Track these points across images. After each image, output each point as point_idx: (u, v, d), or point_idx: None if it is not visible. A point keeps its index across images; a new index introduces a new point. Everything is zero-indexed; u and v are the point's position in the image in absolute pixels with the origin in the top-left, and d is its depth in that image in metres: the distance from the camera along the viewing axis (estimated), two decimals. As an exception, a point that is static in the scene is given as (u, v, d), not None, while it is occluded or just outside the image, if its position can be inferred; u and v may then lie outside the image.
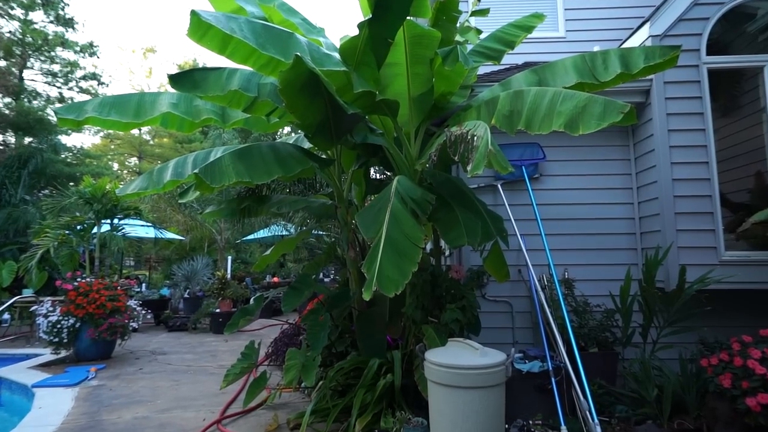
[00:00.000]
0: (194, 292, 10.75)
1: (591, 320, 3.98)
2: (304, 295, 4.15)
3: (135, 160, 28.04)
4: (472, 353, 2.93)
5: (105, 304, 6.48)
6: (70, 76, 20.39)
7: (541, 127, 2.81)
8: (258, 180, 3.26)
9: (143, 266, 18.77)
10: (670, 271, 3.95)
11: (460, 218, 3.21)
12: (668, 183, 4.05)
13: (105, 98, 3.85)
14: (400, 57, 3.49)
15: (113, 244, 8.99)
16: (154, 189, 3.91)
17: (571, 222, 4.45)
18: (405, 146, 3.88)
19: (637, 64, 3.34)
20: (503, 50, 4.11)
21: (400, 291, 2.40)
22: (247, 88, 3.37)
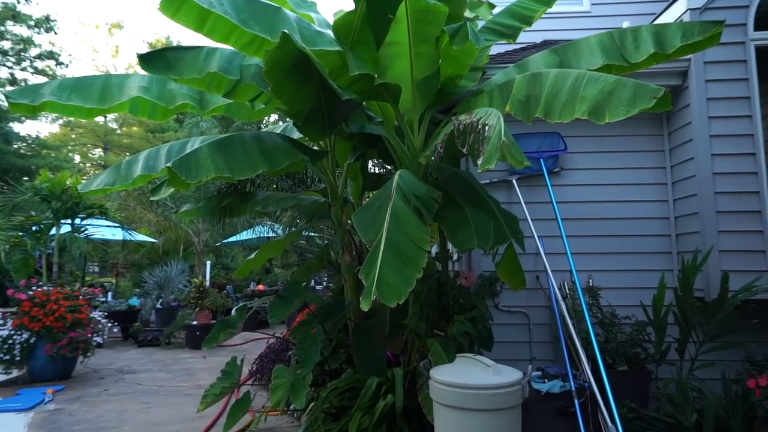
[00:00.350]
0: (168, 302, 10.78)
1: (619, 334, 4.00)
2: (293, 305, 4.17)
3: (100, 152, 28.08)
4: (484, 371, 2.95)
5: (65, 316, 6.50)
6: (23, 54, 20.42)
7: (562, 115, 2.83)
8: (240, 175, 3.28)
9: (109, 273, 18.80)
10: (711, 278, 3.97)
11: (470, 218, 3.24)
12: (708, 178, 4.07)
13: (65, 80, 3.87)
14: (402, 35, 3.50)
15: (74, 248, 9.02)
16: (122, 185, 3.93)
17: (597, 222, 4.47)
18: (407, 136, 3.90)
19: (672, 42, 3.35)
20: (519, 27, 4.13)
21: (403, 300, 2.42)
22: (229, 69, 3.40)
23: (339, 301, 4.37)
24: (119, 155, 26.42)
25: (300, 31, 3.13)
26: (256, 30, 2.92)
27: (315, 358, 3.86)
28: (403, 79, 3.67)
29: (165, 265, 11.49)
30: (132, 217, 12.40)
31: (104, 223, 10.65)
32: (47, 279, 8.98)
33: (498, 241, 3.29)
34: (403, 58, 3.63)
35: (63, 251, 9.15)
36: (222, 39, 3.31)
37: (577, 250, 4.28)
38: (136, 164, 3.94)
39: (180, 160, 3.12)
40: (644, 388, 3.78)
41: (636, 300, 4.18)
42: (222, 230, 12.62)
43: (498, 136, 2.38)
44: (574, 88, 2.87)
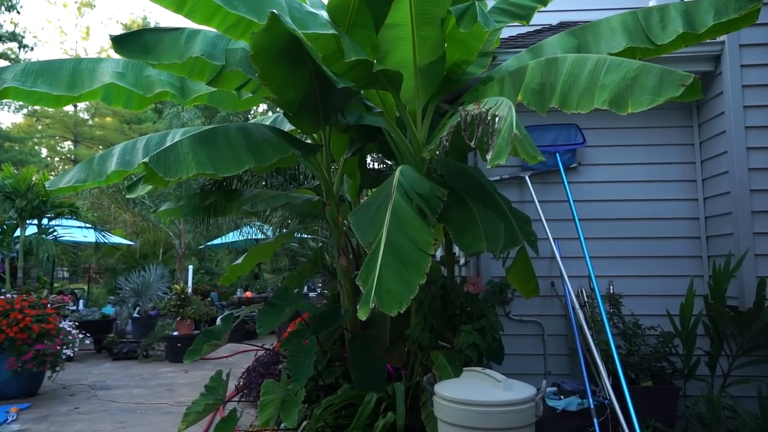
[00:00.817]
0: (146, 311, 10.81)
1: (643, 346, 4.02)
2: (283, 313, 4.18)
3: (69, 145, 28.13)
4: (494, 386, 2.97)
5: (30, 326, 6.51)
6: (-19, 35, 20.45)
7: (580, 105, 2.84)
8: (224, 172, 3.30)
9: (81, 278, 18.86)
10: (746, 284, 3.98)
11: (478, 218, 3.25)
12: (743, 174, 4.08)
13: (29, 64, 3.88)
14: (404, 16, 3.51)
15: (42, 251, 9.04)
16: (95, 181, 3.95)
17: (618, 223, 4.48)
18: (410, 128, 3.91)
19: (704, 21, 3.36)
20: (534, 7, 4.13)
21: (404, 308, 2.43)
22: (212, 54, 3.41)
23: (334, 310, 4.39)
24: (91, 149, 26.46)
25: (291, 12, 3.14)
26: (242, 11, 2.94)
27: (308, 372, 3.87)
28: (405, 65, 3.68)
29: (143, 270, 11.52)
30: (106, 217, 12.45)
31: (75, 224, 10.67)
32: (11, 286, 9.00)
33: (509, 243, 3.31)
34: (404, 42, 3.64)
35: (29, 255, 9.16)
36: (204, 21, 3.33)
37: (597, 254, 4.29)
38: (111, 159, 3.95)
39: (158, 155, 3.14)
40: (671, 407, 3.79)
41: (662, 309, 4.19)
42: (206, 232, 12.66)
43: (509, 128, 2.39)
44: (593, 75, 2.88)
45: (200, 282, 15.04)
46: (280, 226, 8.53)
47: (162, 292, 11.24)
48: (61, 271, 18.72)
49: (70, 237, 11.10)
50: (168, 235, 12.77)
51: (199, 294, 12.39)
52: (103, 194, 11.37)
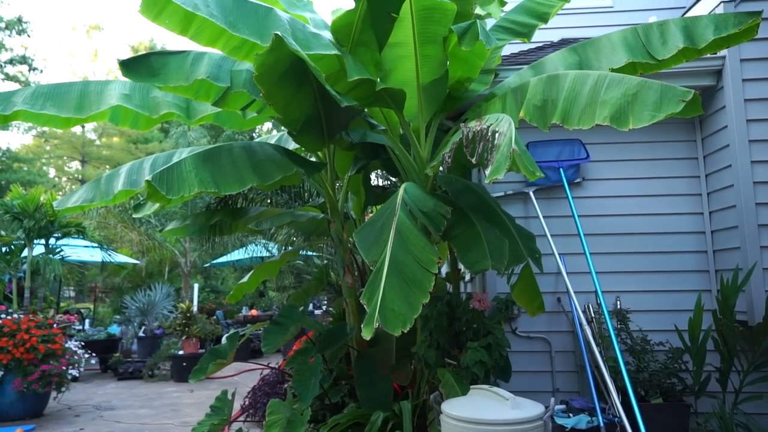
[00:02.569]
0: (151, 330, 10.81)
1: (652, 362, 3.98)
2: (289, 332, 4.19)
3: (77, 165, 28.42)
4: (501, 404, 2.95)
5: (37, 346, 6.52)
6: (-8, 59, 20.82)
7: (582, 121, 2.87)
8: (227, 190, 3.33)
9: (87, 298, 18.91)
10: (755, 299, 3.96)
11: (483, 235, 3.26)
12: (749, 187, 4.08)
13: (39, 87, 3.96)
14: (407, 35, 3.56)
15: (48, 271, 9.10)
16: (102, 201, 3.99)
17: (623, 238, 4.48)
18: (413, 145, 3.95)
19: (704, 35, 3.39)
20: (534, 24, 4.20)
21: (408, 328, 2.43)
22: (218, 76, 3.47)
23: (340, 328, 4.38)
24: (98, 168, 26.74)
25: (294, 33, 3.20)
26: (246, 33, 2.99)
27: (314, 391, 3.86)
28: (408, 83, 3.73)
29: (148, 288, 11.54)
30: (112, 237, 12.50)
31: (82, 243, 10.74)
32: (18, 306, 9.04)
33: (513, 261, 3.31)
34: (407, 60, 3.69)
35: (36, 274, 9.22)
36: (209, 43, 3.39)
37: (603, 269, 4.28)
38: (118, 178, 4.00)
39: (161, 174, 3.18)
40: (682, 424, 3.74)
41: (670, 324, 4.17)
42: (211, 250, 12.70)
43: (508, 144, 2.41)
44: (594, 92, 2.91)
45: (206, 300, 15.04)
46: (285, 244, 8.55)
47: (167, 310, 11.24)
48: (67, 291, 18.79)
49: (77, 256, 11.16)
50: (174, 254, 12.82)
51: (205, 312, 12.39)
52: (110, 213, 11.46)
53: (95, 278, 16.37)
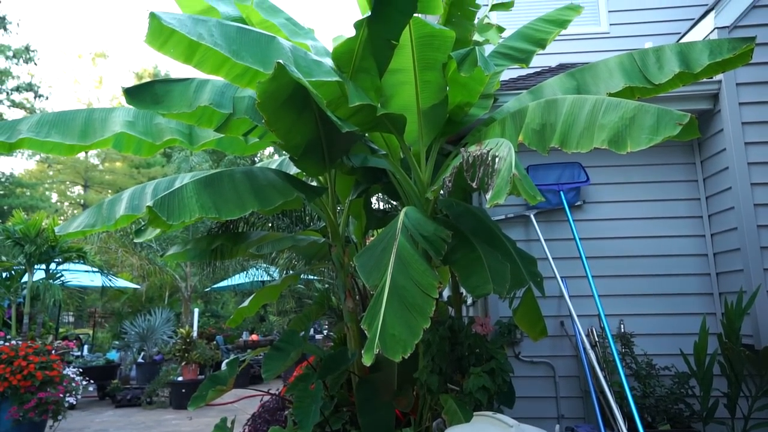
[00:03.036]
0: (150, 356, 10.72)
1: (658, 387, 3.94)
2: (290, 357, 4.15)
3: (79, 189, 28.56)
4: (505, 431, 2.91)
5: (34, 373, 6.47)
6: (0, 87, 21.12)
7: (580, 145, 2.90)
8: (228, 215, 3.35)
9: (86, 323, 18.80)
10: (760, 322, 3.93)
11: (484, 259, 3.26)
12: (749, 209, 4.09)
13: (44, 115, 4.01)
14: (407, 62, 3.64)
15: (48, 296, 9.06)
16: (104, 226, 4.00)
17: (626, 260, 4.47)
18: (414, 170, 3.98)
19: (699, 61, 3.45)
20: (532, 50, 4.28)
21: (409, 354, 2.42)
22: (220, 103, 3.52)
23: (341, 353, 4.35)
24: (100, 193, 26.88)
25: (296, 61, 3.25)
26: (249, 62, 3.05)
27: (314, 418, 3.81)
28: (408, 108, 3.79)
29: (148, 313, 11.49)
30: (113, 261, 12.50)
31: (82, 268, 10.73)
32: (16, 332, 8.99)
33: (515, 284, 3.31)
34: (407, 86, 3.75)
35: (35, 300, 9.18)
36: (212, 71, 3.44)
37: (606, 292, 4.27)
38: (120, 203, 4.03)
39: (162, 199, 3.20)
40: (690, 451, 3.68)
41: (675, 348, 4.13)
42: (212, 274, 12.67)
43: (508, 168, 2.44)
44: (592, 116, 2.95)
45: (206, 325, 14.95)
46: (286, 268, 8.54)
47: (167, 336, 11.17)
48: (66, 316, 18.70)
49: (77, 281, 11.13)
50: (174, 278, 12.79)
51: (205, 337, 12.29)
52: (111, 238, 11.48)
53: (95, 303, 16.30)
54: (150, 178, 22.58)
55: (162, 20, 2.89)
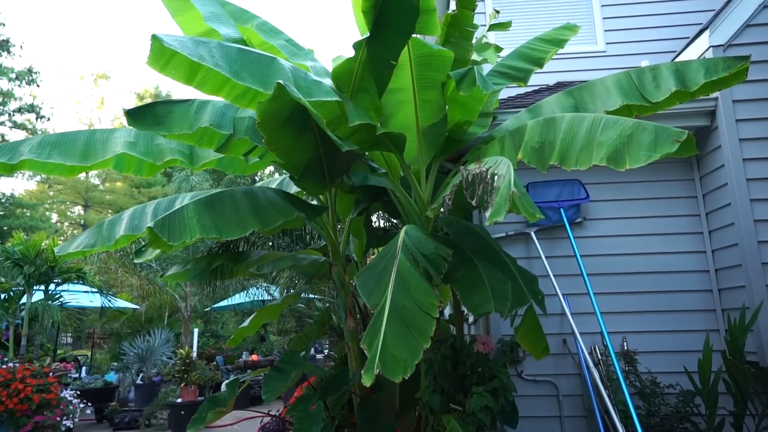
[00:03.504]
0: (149, 377, 10.62)
1: (663, 406, 3.90)
2: (290, 378, 4.12)
3: (79, 209, 28.61)
4: (508, 453, 2.87)
5: (31, 396, 6.40)
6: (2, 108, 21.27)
7: (579, 162, 2.91)
8: (228, 235, 3.36)
9: (85, 344, 18.66)
10: (764, 339, 3.91)
11: (485, 278, 3.25)
12: (749, 225, 4.09)
13: (46, 137, 4.04)
14: (406, 81, 3.68)
15: (47, 317, 9.02)
16: (104, 246, 4.00)
17: (627, 277, 4.46)
18: (414, 188, 3.99)
19: (695, 79, 3.49)
20: (530, 69, 4.33)
21: (409, 374, 2.40)
22: (221, 123, 3.55)
23: (342, 373, 4.31)
24: (100, 213, 26.92)
25: (296, 81, 3.29)
26: (249, 82, 3.08)
27: (315, 440, 3.77)
28: (408, 127, 3.82)
29: (147, 334, 11.42)
30: (112, 281, 12.47)
31: (81, 289, 10.70)
32: (14, 354, 8.92)
33: (516, 303, 3.29)
34: (407, 105, 3.79)
35: (33, 321, 9.13)
36: (213, 91, 3.48)
37: (608, 310, 4.25)
38: (120, 224, 4.03)
39: (162, 220, 3.21)
40: (697, 471, 3.63)
41: (679, 365, 4.10)
42: (212, 294, 12.63)
43: (507, 186, 2.45)
44: (590, 133, 2.97)
45: (205, 345, 14.85)
46: (286, 287, 8.52)
47: (166, 357, 11.08)
48: (65, 337, 18.56)
49: (76, 302, 11.08)
50: (174, 299, 12.74)
51: (204, 358, 12.20)
52: (111, 258, 11.47)
53: (94, 324, 16.20)
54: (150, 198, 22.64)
55: (164, 42, 2.93)
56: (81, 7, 47.11)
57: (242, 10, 4.65)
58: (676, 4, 5.86)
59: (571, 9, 6.00)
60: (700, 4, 5.77)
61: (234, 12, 4.55)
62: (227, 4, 4.60)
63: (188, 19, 4.35)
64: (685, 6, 5.84)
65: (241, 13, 4.59)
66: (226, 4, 4.58)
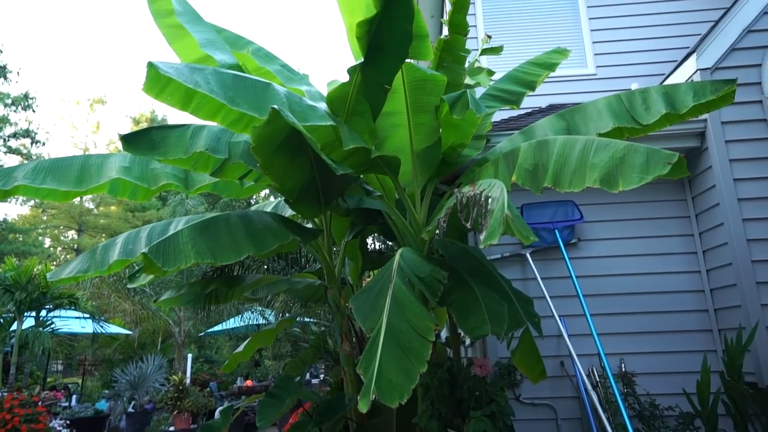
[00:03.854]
0: (141, 405, 10.43)
1: (663, 428, 3.87)
2: (285, 404, 4.06)
3: (73, 234, 28.44)
4: (507, 479, 2.83)
5: (19, 427, 6.27)
6: (-4, 134, 21.28)
7: (573, 184, 2.94)
8: (223, 260, 3.34)
9: (75, 371, 18.36)
10: (762, 359, 3.90)
11: (481, 300, 3.24)
12: (743, 245, 4.12)
13: (40, 162, 4.04)
14: (400, 105, 3.72)
15: (37, 344, 8.89)
16: (97, 271, 3.97)
17: (623, 298, 4.46)
18: (409, 210, 4.01)
19: (684, 102, 3.55)
20: (522, 92, 4.39)
21: (406, 399, 2.37)
22: (216, 148, 3.57)
23: (338, 398, 4.26)
24: (94, 237, 26.76)
25: (290, 106, 3.32)
26: (244, 108, 3.11)
27: (311, 468, 3.70)
28: (402, 150, 3.85)
29: (140, 360, 11.26)
30: (105, 307, 12.34)
31: (73, 315, 10.58)
32: (2, 383, 8.77)
33: (513, 325, 3.28)
34: (401, 128, 3.83)
35: (23, 348, 9.00)
36: (208, 117, 3.51)
37: (604, 331, 4.23)
38: (114, 248, 4.01)
39: (157, 245, 3.19)
40: (699, 495, 3.58)
41: (677, 387, 4.07)
42: (206, 318, 12.51)
43: (501, 209, 2.46)
44: (583, 155, 3.00)
45: (199, 371, 14.63)
46: (282, 311, 8.45)
47: (159, 383, 10.91)
48: (55, 364, 18.27)
49: (68, 328, 10.96)
50: (167, 324, 12.61)
51: (198, 384, 12.02)
52: (104, 283, 11.38)
53: (85, 350, 15.97)
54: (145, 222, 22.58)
55: (159, 69, 2.96)
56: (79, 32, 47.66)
57: (238, 36, 4.72)
58: (663, 29, 5.99)
59: (562, 33, 6.13)
60: (686, 28, 5.90)
61: (230, 38, 4.61)
62: (223, 31, 4.67)
63: (184, 46, 4.40)
64: (673, 30, 5.97)
65: (236, 39, 4.65)
66: (222, 31, 4.65)
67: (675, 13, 6.02)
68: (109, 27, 48.41)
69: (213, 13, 43.99)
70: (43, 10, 44.18)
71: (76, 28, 47.49)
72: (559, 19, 6.21)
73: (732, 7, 4.59)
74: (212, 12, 38.06)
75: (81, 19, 47.29)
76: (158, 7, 4.33)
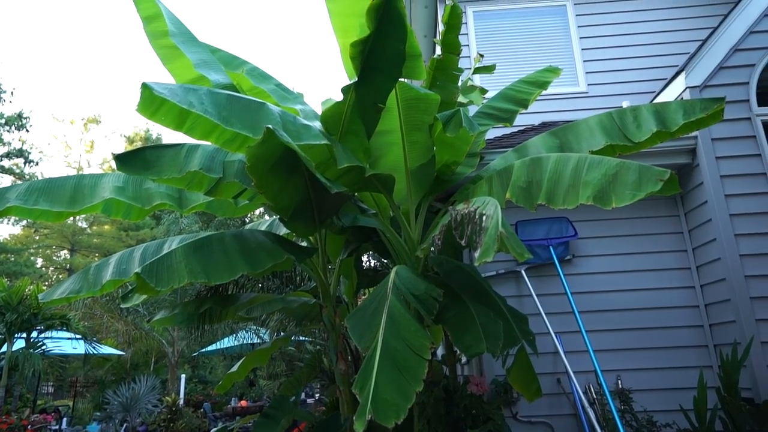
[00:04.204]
0: (134, 427, 10.27)
1: (661, 446, 3.83)
2: (280, 424, 4.02)
3: (65, 254, 28.22)
4: (505, 500, 2.79)
5: (7, 452, 6.17)
6: (-11, 154, 21.24)
7: (566, 201, 2.95)
8: (217, 280, 3.33)
9: (67, 393, 18.07)
10: (757, 374, 3.89)
11: (476, 318, 3.24)
12: (735, 260, 4.14)
13: (33, 183, 4.02)
14: (394, 124, 3.75)
15: (28, 366, 8.76)
16: (90, 291, 3.93)
17: (618, 314, 4.46)
18: (404, 228, 4.01)
19: (675, 120, 3.60)
20: (515, 110, 4.43)
21: (402, 419, 2.35)
22: (210, 167, 3.57)
23: (333, 418, 4.21)
24: (87, 257, 26.56)
25: (285, 126, 3.34)
26: (238, 128, 3.12)
27: (306, 491, 3.64)
28: (396, 168, 3.87)
29: (133, 381, 11.11)
30: (97, 327, 12.21)
31: (65, 335, 10.45)
32: (-7, 405, 8.62)
33: (508, 343, 3.27)
34: (395, 146, 3.85)
35: (14, 370, 8.87)
36: (203, 137, 3.52)
37: (600, 347, 4.22)
38: (107, 268, 3.98)
39: (150, 265, 3.18)
40: None
41: (674, 403, 4.05)
42: (200, 338, 12.38)
43: (495, 226, 2.47)
44: (576, 173, 3.02)
45: (193, 391, 14.46)
46: (276, 330, 8.38)
47: (152, 405, 10.75)
48: (45, 386, 17.99)
49: (59, 349, 10.81)
50: (161, 343, 12.47)
51: (192, 405, 11.86)
52: (96, 303, 11.27)
53: (77, 372, 15.74)
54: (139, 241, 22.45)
55: (153, 90, 2.97)
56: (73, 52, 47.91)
57: (233, 56, 4.76)
58: (653, 47, 6.09)
59: (553, 52, 6.22)
60: (675, 47, 6.01)
61: (224, 58, 4.65)
62: (218, 51, 4.71)
63: (179, 66, 4.43)
64: (662, 49, 6.07)
65: (231, 59, 4.69)
66: (216, 51, 4.68)
67: (664, 32, 6.14)
68: (104, 47, 48.77)
69: (208, 33, 44.38)
70: (37, 29, 44.49)
71: (71, 47, 47.81)
72: (551, 39, 6.32)
73: (719, 27, 4.68)
74: (208, 32, 38.41)
75: (76, 38, 47.66)
76: (153, 29, 4.36)
